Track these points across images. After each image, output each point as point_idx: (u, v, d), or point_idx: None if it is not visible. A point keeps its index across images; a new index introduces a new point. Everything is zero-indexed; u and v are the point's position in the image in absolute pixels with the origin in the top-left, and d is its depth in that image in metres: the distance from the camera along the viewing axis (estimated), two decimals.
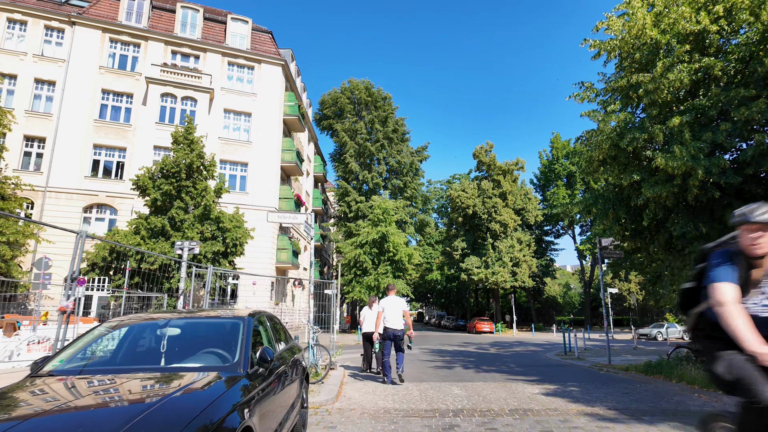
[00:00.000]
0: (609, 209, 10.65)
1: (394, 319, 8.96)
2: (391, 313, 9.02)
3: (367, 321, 10.95)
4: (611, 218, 10.80)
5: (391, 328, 8.93)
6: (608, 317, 44.34)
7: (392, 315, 9.01)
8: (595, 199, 10.77)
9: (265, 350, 3.54)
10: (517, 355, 16.92)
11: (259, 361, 3.51)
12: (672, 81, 9.26)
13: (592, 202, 10.75)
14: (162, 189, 21.51)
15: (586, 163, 10.99)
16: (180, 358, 3.53)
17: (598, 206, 10.70)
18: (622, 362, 13.06)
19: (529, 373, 10.98)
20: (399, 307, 9.16)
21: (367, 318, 11.17)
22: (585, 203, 10.79)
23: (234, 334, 3.69)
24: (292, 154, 32.20)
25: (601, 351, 18.75)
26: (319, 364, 9.18)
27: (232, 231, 23.08)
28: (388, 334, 8.93)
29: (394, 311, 9.06)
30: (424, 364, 12.92)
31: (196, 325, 4.02)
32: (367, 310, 11.45)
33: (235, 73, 31.48)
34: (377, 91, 42.91)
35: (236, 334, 3.69)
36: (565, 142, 49.29)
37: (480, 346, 22.21)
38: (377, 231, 33.48)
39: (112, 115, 27.95)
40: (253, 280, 28.16)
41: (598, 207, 10.73)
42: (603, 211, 10.71)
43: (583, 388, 8.57)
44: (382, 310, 9.11)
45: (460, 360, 14.14)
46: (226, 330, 3.86)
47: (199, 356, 3.57)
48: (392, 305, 9.13)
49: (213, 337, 3.81)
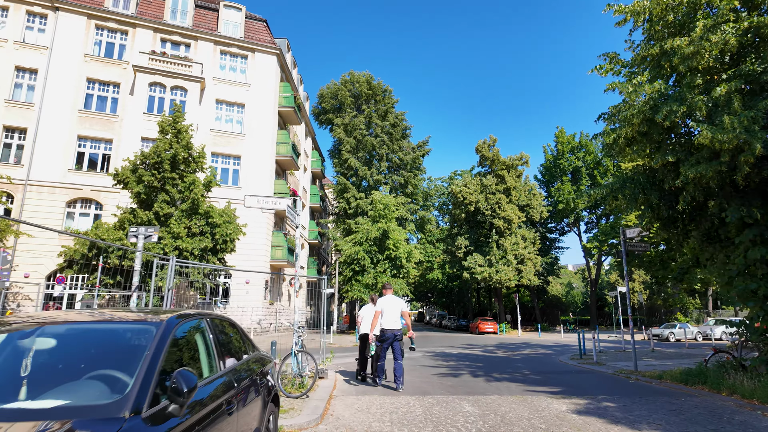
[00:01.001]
0: (639, 194, 9.27)
1: (393, 320, 8.43)
2: (389, 314, 8.49)
3: (365, 321, 9.75)
4: (642, 204, 9.42)
5: (389, 329, 8.38)
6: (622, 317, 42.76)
7: (390, 315, 8.48)
8: (623, 183, 9.37)
9: (180, 376, 2.18)
10: (528, 359, 15.54)
11: (170, 393, 2.15)
12: (715, 43, 7.88)
13: (619, 186, 9.35)
14: (144, 181, 20.15)
15: (612, 143, 9.60)
16: (44, 389, 2.18)
17: (627, 191, 9.30)
18: (648, 368, 11.70)
19: (548, 382, 9.61)
20: (397, 306, 8.65)
21: (365, 318, 9.93)
22: (611, 188, 9.40)
23: (133, 351, 2.34)
24: (287, 147, 30.83)
25: (617, 354, 17.39)
26: (306, 373, 7.81)
27: (223, 226, 21.74)
28: (386, 336, 8.36)
29: (393, 311, 8.54)
30: (427, 370, 11.54)
31: (83, 334, 2.63)
32: (366, 309, 10.15)
33: (227, 62, 30.12)
34: (378, 84, 41.50)
35: (137, 350, 2.34)
36: (570, 137, 47.85)
37: (485, 348, 20.84)
38: (377, 228, 32.11)
39: (98, 106, 26.60)
40: (247, 278, 26.88)
41: (626, 192, 9.33)
42: (632, 196, 9.31)
43: (619, 403, 7.20)
44: (380, 311, 8.58)
45: (467, 365, 12.77)
46: (124, 343, 2.51)
47: (77, 386, 2.21)
48: (390, 305, 8.59)
49: (104, 354, 2.45)
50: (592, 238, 41.43)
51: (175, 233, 20.58)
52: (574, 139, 47.80)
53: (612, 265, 66.86)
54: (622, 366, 12.31)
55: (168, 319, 2.66)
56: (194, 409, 2.36)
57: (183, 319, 2.80)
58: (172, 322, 2.64)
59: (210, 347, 3.07)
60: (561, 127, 48.77)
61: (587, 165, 46.52)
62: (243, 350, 3.84)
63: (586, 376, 10.63)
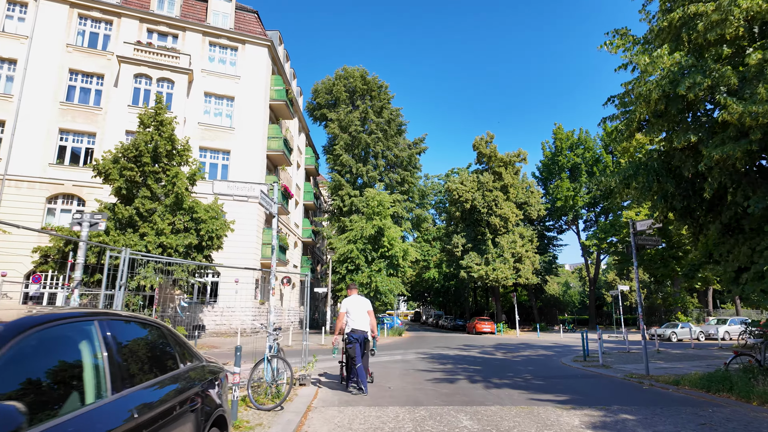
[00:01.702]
0: (653, 182, 8.38)
1: (362, 321, 8.21)
2: (356, 314, 8.26)
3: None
4: (656, 193, 8.54)
5: (359, 330, 8.13)
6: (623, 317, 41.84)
7: (359, 315, 8.25)
8: (636, 170, 8.46)
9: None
10: (529, 361, 14.65)
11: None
12: (746, 9, 7.01)
13: (632, 173, 8.45)
14: (125, 175, 19.19)
15: (623, 127, 8.72)
16: None
17: (640, 178, 8.42)
18: (659, 371, 10.83)
19: (554, 388, 8.71)
20: (365, 306, 8.43)
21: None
22: (624, 174, 8.50)
23: None
24: (279, 142, 29.88)
25: (622, 355, 16.55)
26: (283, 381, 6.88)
27: (209, 222, 20.79)
28: (357, 336, 8.08)
29: (360, 311, 8.31)
30: (421, 375, 10.63)
31: None
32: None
33: (216, 54, 29.14)
34: (372, 79, 40.56)
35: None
36: (569, 133, 47.01)
37: (483, 349, 19.95)
38: (372, 225, 31.19)
39: (81, 98, 25.60)
40: (236, 278, 25.92)
41: (639, 179, 8.45)
42: (646, 184, 8.43)
43: (639, 415, 6.31)
44: (345, 312, 8.26)
45: (464, 369, 11.87)
46: None
47: None
48: (357, 305, 8.35)
49: None
50: (591, 236, 40.65)
51: (158, 229, 19.63)
52: (572, 135, 46.98)
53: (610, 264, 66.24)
54: (631, 369, 11.44)
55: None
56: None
57: (39, 324, 1.87)
58: (9, 330, 1.71)
59: (101, 363, 2.14)
60: (559, 124, 47.99)
61: (586, 162, 45.72)
62: (172, 362, 2.92)
63: (594, 382, 9.74)
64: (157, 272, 19.27)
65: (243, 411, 6.05)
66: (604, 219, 46.52)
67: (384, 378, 9.98)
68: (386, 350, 19.07)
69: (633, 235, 10.38)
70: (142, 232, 19.44)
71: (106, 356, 2.19)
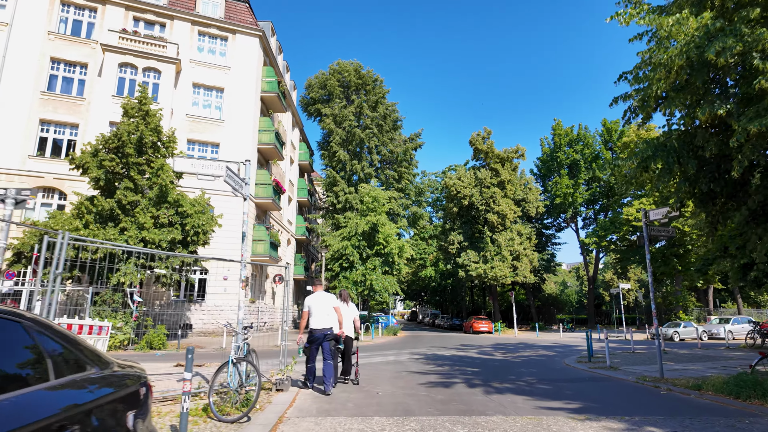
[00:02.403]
0: (673, 164, 7.50)
1: (322, 319, 7.90)
2: (318, 311, 7.96)
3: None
4: (677, 176, 7.65)
5: (318, 329, 7.82)
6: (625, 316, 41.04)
7: (320, 314, 7.95)
8: (655, 151, 7.57)
9: None
10: (531, 362, 13.75)
11: None
12: None
13: (650, 154, 7.54)
14: (104, 166, 18.21)
15: (639, 105, 7.82)
16: None
17: (659, 160, 7.53)
18: (672, 373, 9.94)
19: (562, 393, 7.80)
20: (328, 304, 8.16)
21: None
22: (642, 156, 7.58)
23: None
24: (270, 135, 28.91)
25: (627, 355, 15.69)
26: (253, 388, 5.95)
27: (194, 217, 19.85)
28: (315, 336, 7.82)
29: (322, 309, 8.02)
30: (414, 378, 9.71)
31: None
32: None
33: (206, 44, 28.15)
34: (367, 73, 39.62)
35: None
36: (568, 129, 46.18)
37: (482, 349, 19.05)
38: (366, 221, 30.28)
39: (63, 88, 24.60)
40: (225, 275, 24.98)
41: (658, 162, 7.57)
42: (665, 166, 7.54)
43: (666, 427, 5.40)
44: (307, 310, 7.97)
45: (461, 371, 10.96)
46: None
47: None
48: (319, 303, 8.07)
49: None
50: (590, 234, 39.81)
51: (140, 223, 18.68)
52: (572, 131, 46.16)
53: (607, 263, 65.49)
54: (641, 371, 10.56)
55: None
56: None
57: None
58: None
59: None
60: (558, 120, 47.28)
61: (585, 158, 44.93)
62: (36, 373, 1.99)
63: (605, 386, 8.83)
64: (139, 268, 18.32)
65: (202, 424, 5.13)
66: (603, 216, 45.75)
67: (373, 381, 9.08)
68: (379, 350, 18.16)
69: (645, 225, 9.49)
70: (123, 226, 18.49)
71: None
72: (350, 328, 8.87)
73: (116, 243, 6.54)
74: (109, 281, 18.88)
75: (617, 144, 42.53)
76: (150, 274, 18.86)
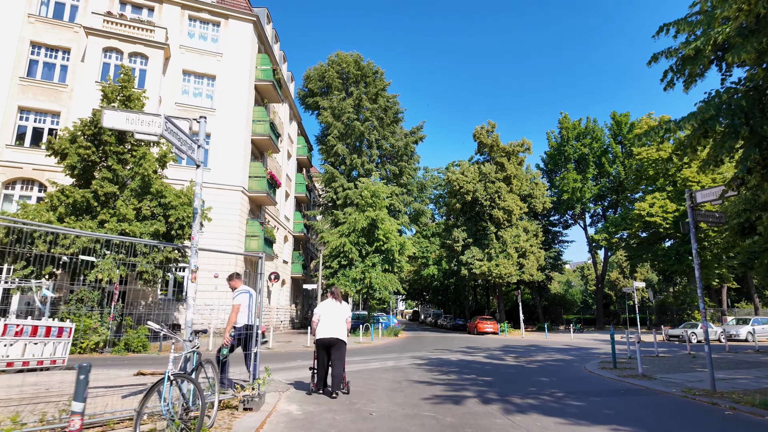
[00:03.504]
0: (740, 125, 6.01)
1: (244, 315, 7.17)
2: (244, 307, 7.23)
3: (324, 321, 7.67)
4: (745, 139, 6.15)
5: (240, 327, 7.10)
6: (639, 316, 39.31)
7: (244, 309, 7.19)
8: (718, 110, 6.07)
9: None
10: (549, 368, 12.23)
11: None
12: None
13: (713, 114, 6.04)
14: (80, 155, 16.81)
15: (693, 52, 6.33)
16: None
17: (722, 120, 6.05)
18: (722, 385, 8.42)
19: (600, 414, 6.31)
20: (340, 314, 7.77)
21: (324, 316, 7.72)
22: (700, 117, 6.08)
23: None
24: (265, 126, 27.46)
25: (654, 360, 14.22)
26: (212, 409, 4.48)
27: (179, 209, 18.41)
28: (236, 333, 7.08)
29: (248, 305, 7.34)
30: (416, 390, 8.22)
31: None
32: (327, 305, 7.86)
33: (197, 29, 26.72)
34: (367, 65, 38.08)
35: None
36: (576, 122, 44.57)
37: (490, 352, 17.55)
38: (365, 217, 28.81)
39: (44, 74, 23.23)
40: (215, 272, 23.57)
41: (720, 123, 6.09)
42: (730, 129, 6.06)
43: None
44: (238, 304, 7.14)
45: (472, 381, 9.47)
46: None
47: None
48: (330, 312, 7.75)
49: None
50: (600, 230, 38.18)
51: (120, 215, 17.25)
52: (579, 124, 44.55)
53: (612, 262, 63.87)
54: (682, 381, 9.04)
55: None
56: None
57: None
58: None
59: None
60: (565, 113, 45.57)
61: (594, 152, 43.33)
62: None
63: (649, 402, 7.30)
64: (118, 264, 16.89)
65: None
66: (612, 213, 44.15)
67: (367, 395, 7.62)
68: (378, 354, 16.69)
69: (691, 209, 8.01)
70: (102, 218, 17.07)
71: None
72: (343, 330, 7.79)
73: (60, 227, 5.28)
74: (85, 278, 17.50)
75: (627, 137, 40.95)
76: (131, 272, 17.39)
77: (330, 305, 7.83)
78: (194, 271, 5.05)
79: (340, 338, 7.61)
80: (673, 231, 31.56)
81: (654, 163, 32.81)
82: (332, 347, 7.55)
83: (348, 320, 7.88)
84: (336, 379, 7.55)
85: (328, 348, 7.55)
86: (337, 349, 7.60)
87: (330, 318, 7.65)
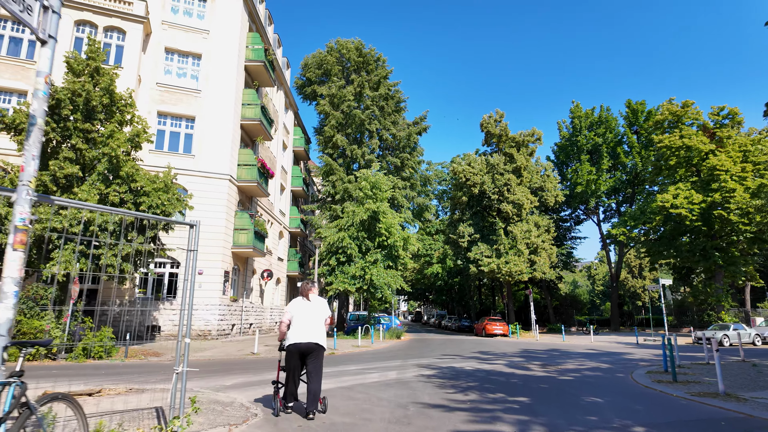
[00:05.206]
0: None
1: None
2: None
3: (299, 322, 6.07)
4: None
5: None
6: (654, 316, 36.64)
7: None
8: None
9: None
10: (589, 382, 9.88)
11: None
12: None
13: None
14: None
15: None
16: None
17: None
18: None
19: None
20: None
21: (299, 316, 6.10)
22: None
23: None
24: (255, 110, 25.20)
25: (704, 368, 11.93)
26: None
27: (153, 195, 16.16)
28: None
29: None
30: (430, 422, 5.91)
31: None
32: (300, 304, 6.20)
33: (181, 4, 24.52)
34: (369, 52, 35.81)
35: None
36: (589, 111, 42.19)
37: (509, 359, 15.19)
38: (365, 209, 26.52)
39: (11, 49, 21.11)
40: (200, 269, 21.28)
41: None
42: None
43: None
44: None
45: (502, 402, 7.17)
46: None
47: None
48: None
49: None
50: (617, 224, 35.76)
51: (83, 201, 14.95)
52: (592, 113, 42.15)
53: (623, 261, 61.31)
54: None
55: None
56: None
57: None
58: None
59: None
60: (577, 102, 43.27)
61: (608, 143, 40.90)
62: None
63: None
64: (79, 256, 14.66)
65: None
66: (627, 207, 41.74)
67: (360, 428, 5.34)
68: (378, 360, 14.36)
69: None
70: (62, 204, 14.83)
71: None
72: (322, 333, 6.11)
73: None
74: (41, 272, 15.30)
75: (643, 126, 38.56)
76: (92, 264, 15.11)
77: (304, 303, 6.27)
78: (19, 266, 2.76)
79: (320, 343, 6.09)
80: (700, 224, 29.13)
81: (677, 151, 30.43)
82: (309, 355, 6.03)
83: (327, 321, 6.14)
84: (313, 396, 5.87)
85: (303, 356, 6.05)
86: (315, 357, 6.06)
87: (305, 318, 6.09)
